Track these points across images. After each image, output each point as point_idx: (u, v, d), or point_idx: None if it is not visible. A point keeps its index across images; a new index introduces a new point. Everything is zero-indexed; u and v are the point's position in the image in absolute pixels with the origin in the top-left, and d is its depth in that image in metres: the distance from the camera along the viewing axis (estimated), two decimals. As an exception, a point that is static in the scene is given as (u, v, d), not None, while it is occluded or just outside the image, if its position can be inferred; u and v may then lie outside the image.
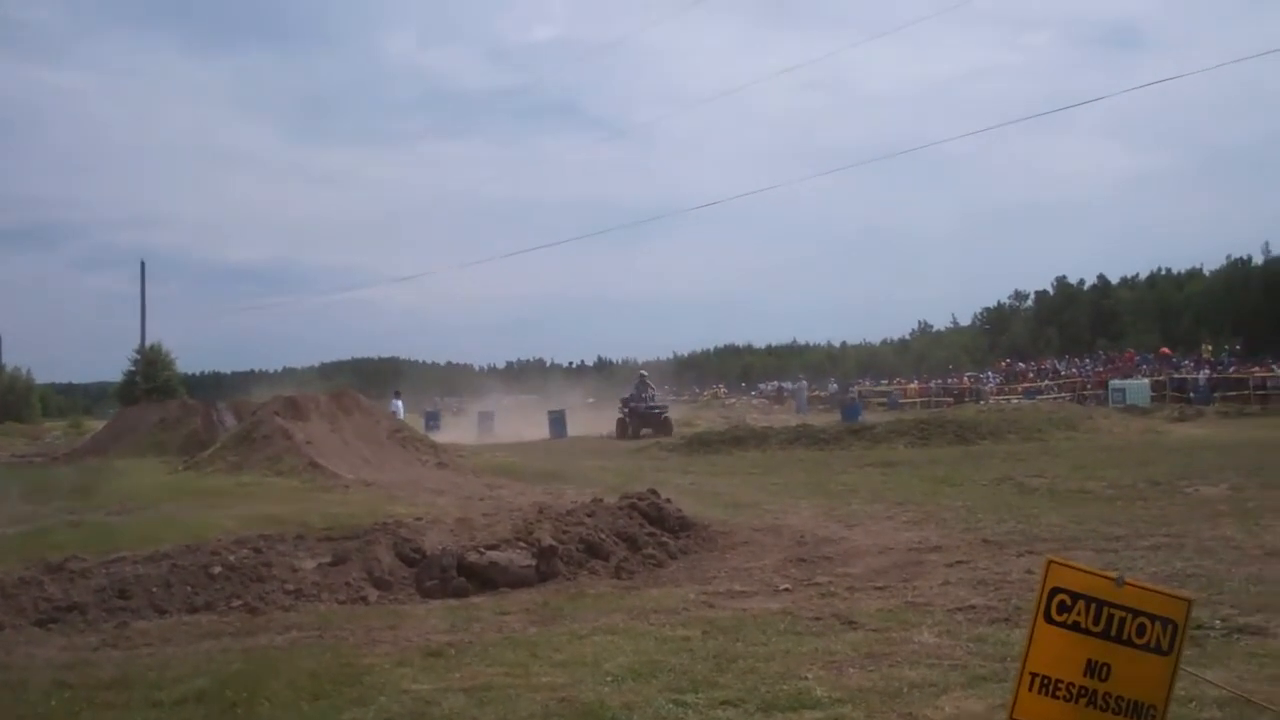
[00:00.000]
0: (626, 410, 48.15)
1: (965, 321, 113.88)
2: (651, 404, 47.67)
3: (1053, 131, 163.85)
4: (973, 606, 9.80)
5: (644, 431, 43.33)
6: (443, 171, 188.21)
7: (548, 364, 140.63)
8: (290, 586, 11.29)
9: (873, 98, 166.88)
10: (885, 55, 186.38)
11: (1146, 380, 53.48)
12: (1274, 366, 56.00)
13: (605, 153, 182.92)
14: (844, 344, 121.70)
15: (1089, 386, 57.19)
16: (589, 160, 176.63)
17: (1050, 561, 4.24)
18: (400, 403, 46.74)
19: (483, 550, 11.98)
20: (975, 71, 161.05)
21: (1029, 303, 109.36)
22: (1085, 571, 4.24)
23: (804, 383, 73.13)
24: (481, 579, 11.61)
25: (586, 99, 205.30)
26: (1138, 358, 67.39)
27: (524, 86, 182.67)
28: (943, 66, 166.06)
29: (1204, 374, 55.14)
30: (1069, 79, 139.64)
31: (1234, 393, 50.24)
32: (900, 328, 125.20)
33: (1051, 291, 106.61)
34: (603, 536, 13.04)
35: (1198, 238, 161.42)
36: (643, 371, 52.40)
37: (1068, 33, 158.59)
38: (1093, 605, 4.13)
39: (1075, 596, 4.14)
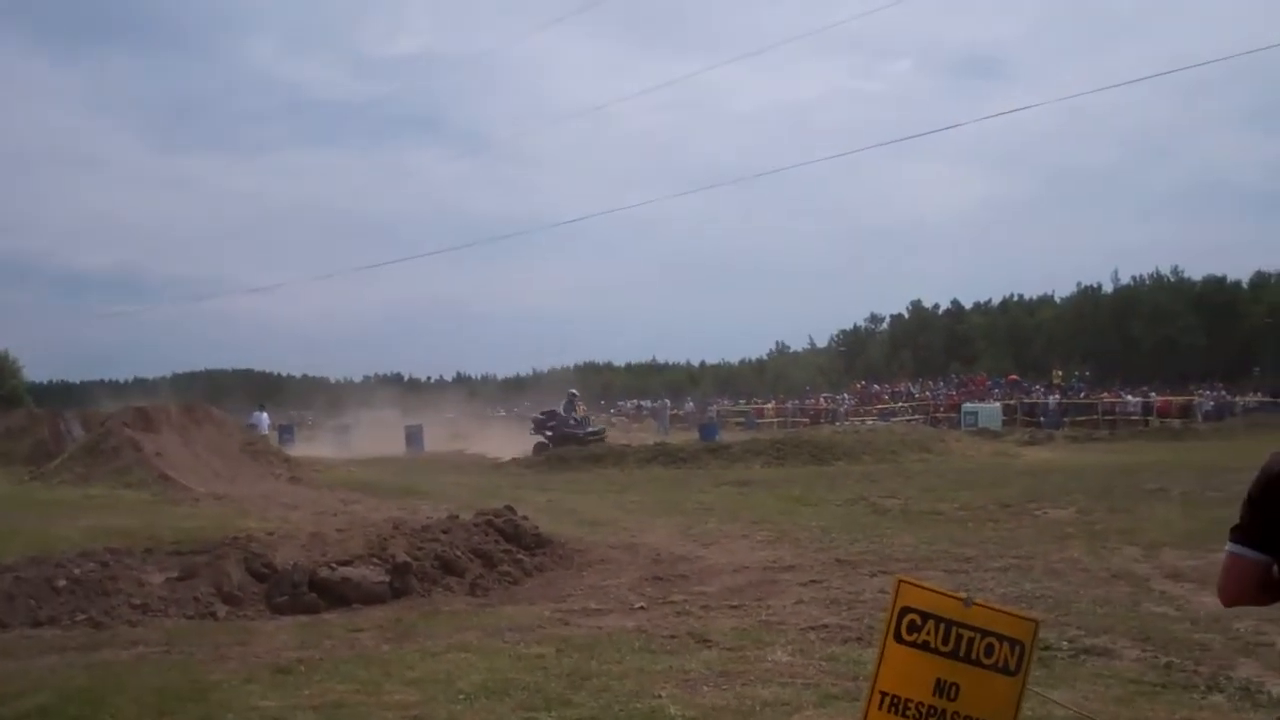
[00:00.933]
0: (549, 431, 42.23)
1: (822, 343, 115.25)
2: (587, 427, 42.54)
3: (910, 157, 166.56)
4: (826, 625, 9.90)
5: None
6: (302, 181, 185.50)
7: (406, 378, 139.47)
8: (137, 601, 11.02)
9: (735, 119, 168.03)
10: (748, 78, 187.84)
11: (998, 404, 54.58)
12: (1122, 393, 57.63)
13: (468, 167, 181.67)
14: (703, 363, 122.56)
15: (942, 409, 58.21)
16: (451, 174, 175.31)
17: (900, 581, 4.26)
18: (265, 415, 46.04)
19: (335, 566, 11.82)
20: (836, 96, 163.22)
21: (884, 326, 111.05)
22: (935, 591, 4.27)
23: (666, 401, 73.36)
24: (334, 595, 11.46)
25: (450, 112, 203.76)
26: (989, 382, 68.77)
27: (386, 98, 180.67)
28: (804, 90, 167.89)
29: (1054, 399, 56.48)
30: (927, 106, 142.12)
31: (1083, 417, 51.56)
32: (758, 348, 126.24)
33: (906, 315, 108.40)
34: (458, 553, 12.93)
35: (1050, 265, 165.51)
36: (573, 391, 47.53)
37: (926, 61, 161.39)
38: (942, 625, 4.14)
39: (925, 616, 4.16)
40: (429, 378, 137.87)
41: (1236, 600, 3.37)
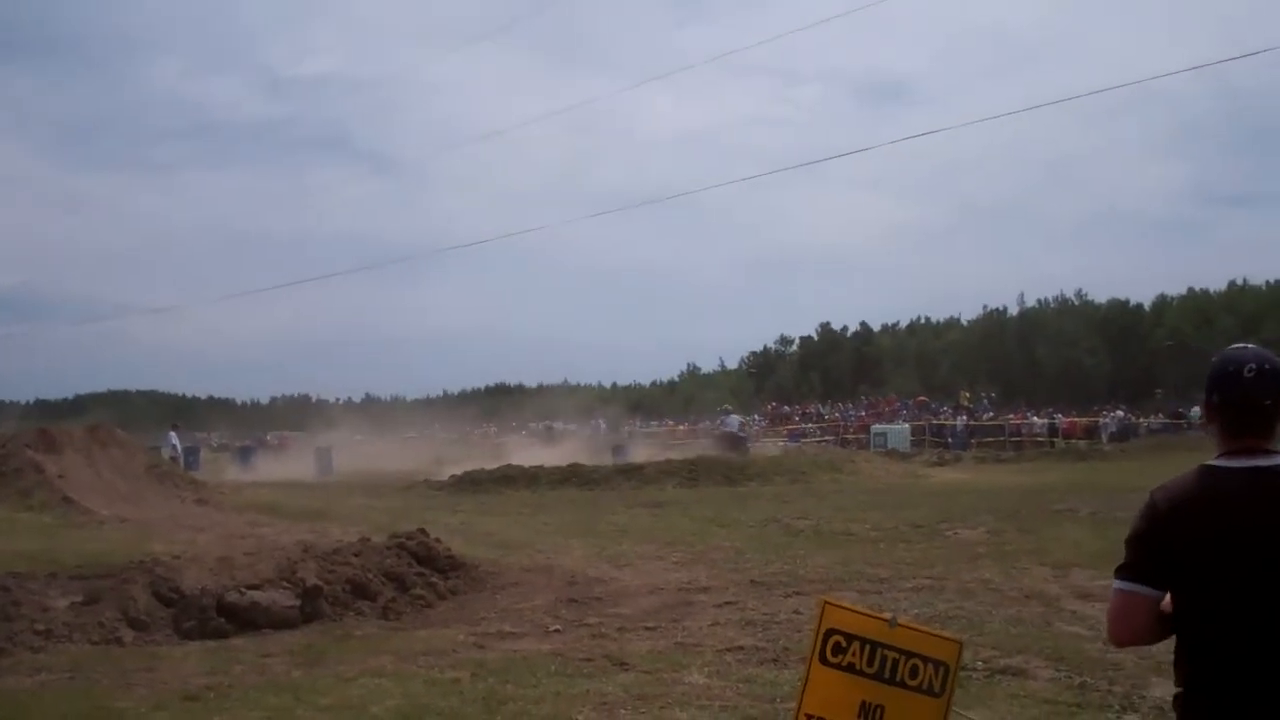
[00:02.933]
0: None
1: (732, 365, 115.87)
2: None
3: (819, 182, 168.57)
4: (741, 647, 9.89)
5: None
6: (206, 202, 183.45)
7: (314, 399, 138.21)
8: (40, 626, 10.74)
9: (645, 142, 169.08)
10: (658, 101, 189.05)
11: (907, 425, 55.09)
12: (1028, 414, 58.40)
13: (375, 187, 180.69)
14: (614, 384, 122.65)
15: (851, 430, 58.61)
16: (359, 195, 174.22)
17: (825, 603, 4.23)
18: (176, 436, 45.38)
19: (244, 590, 11.60)
20: (745, 120, 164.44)
21: (794, 348, 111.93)
22: (859, 613, 4.25)
23: (600, 422, 72.59)
24: (242, 620, 11.24)
25: (357, 133, 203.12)
26: (898, 403, 69.49)
27: (293, 118, 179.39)
28: (714, 115, 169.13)
29: (962, 420, 57.09)
30: (836, 131, 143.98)
31: (990, 439, 52.12)
32: (670, 370, 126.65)
33: (816, 337, 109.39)
34: (370, 576, 12.76)
35: (956, 288, 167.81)
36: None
37: (835, 87, 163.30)
38: (867, 646, 4.13)
39: (850, 638, 4.13)
40: (337, 399, 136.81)
41: (1130, 638, 3.41)
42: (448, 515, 23.48)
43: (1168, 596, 3.22)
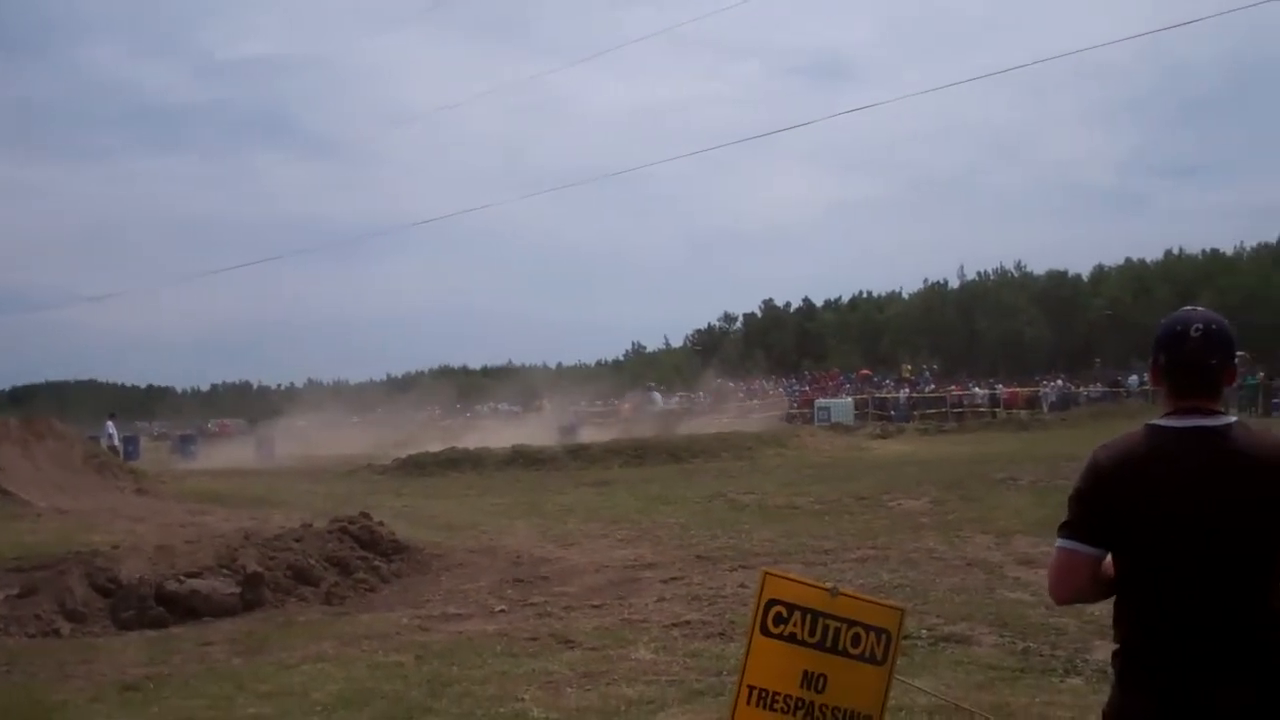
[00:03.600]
0: None
1: (677, 343, 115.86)
2: None
3: (761, 158, 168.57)
4: (688, 622, 9.88)
5: None
6: (145, 187, 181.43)
7: (255, 385, 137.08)
8: (-25, 620, 10.57)
9: (589, 120, 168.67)
10: (601, 79, 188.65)
11: (850, 399, 55.27)
12: (969, 385, 58.81)
13: (317, 169, 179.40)
14: (560, 365, 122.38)
15: (796, 405, 58.75)
16: (301, 177, 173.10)
17: (766, 574, 4.20)
18: (114, 426, 44.90)
19: (183, 578, 11.46)
20: (686, 97, 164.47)
21: (738, 325, 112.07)
22: (800, 583, 4.22)
23: (545, 403, 71.60)
24: (182, 608, 11.12)
25: (298, 115, 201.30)
26: (841, 377, 69.74)
27: (232, 101, 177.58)
28: (656, 92, 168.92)
29: (904, 393, 57.41)
30: (778, 107, 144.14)
31: (932, 410, 52.50)
32: (615, 349, 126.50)
33: (759, 314, 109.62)
34: (312, 562, 12.65)
35: (897, 262, 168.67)
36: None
37: (775, 63, 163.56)
38: (808, 616, 4.10)
39: (791, 608, 4.11)
40: (279, 384, 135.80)
41: (1071, 597, 3.40)
42: (392, 499, 23.36)
43: (1109, 556, 3.21)
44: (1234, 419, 3.14)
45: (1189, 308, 3.31)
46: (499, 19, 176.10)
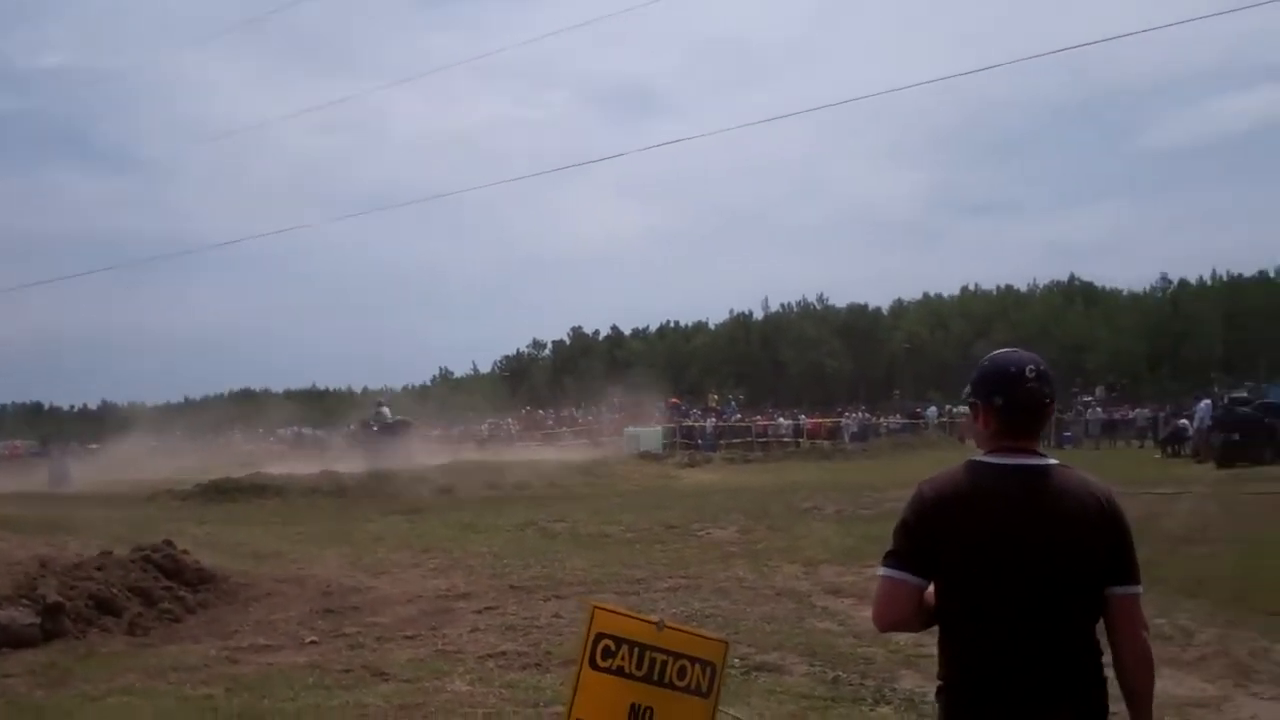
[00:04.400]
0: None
1: (485, 369, 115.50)
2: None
3: (571, 185, 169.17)
4: (504, 653, 9.90)
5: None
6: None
7: (46, 407, 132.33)
8: None
9: (398, 143, 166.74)
10: (410, 102, 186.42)
11: (659, 428, 55.66)
12: (774, 415, 59.80)
13: (116, 187, 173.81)
14: (365, 389, 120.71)
15: (605, 433, 58.94)
16: (96, 193, 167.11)
17: (595, 607, 4.28)
18: None
19: (-20, 609, 11.06)
20: (498, 123, 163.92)
21: (547, 351, 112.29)
22: (627, 616, 4.31)
23: (351, 427, 69.77)
24: (-21, 640, 10.72)
25: (97, 130, 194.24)
26: (649, 405, 70.19)
27: (26, 113, 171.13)
28: (467, 117, 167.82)
29: (711, 422, 58.05)
30: (587, 135, 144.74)
31: (738, 440, 53.20)
32: (421, 374, 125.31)
33: (568, 341, 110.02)
34: (115, 591, 12.29)
35: (704, 293, 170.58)
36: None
37: (583, 92, 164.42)
38: (636, 649, 4.19)
39: (619, 641, 4.19)
40: (72, 406, 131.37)
41: (893, 625, 3.52)
42: (194, 526, 22.76)
43: (931, 586, 3.35)
44: (1055, 460, 3.31)
45: (1009, 349, 3.45)
46: (309, 41, 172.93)
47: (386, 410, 47.86)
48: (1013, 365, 3.32)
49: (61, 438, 66.94)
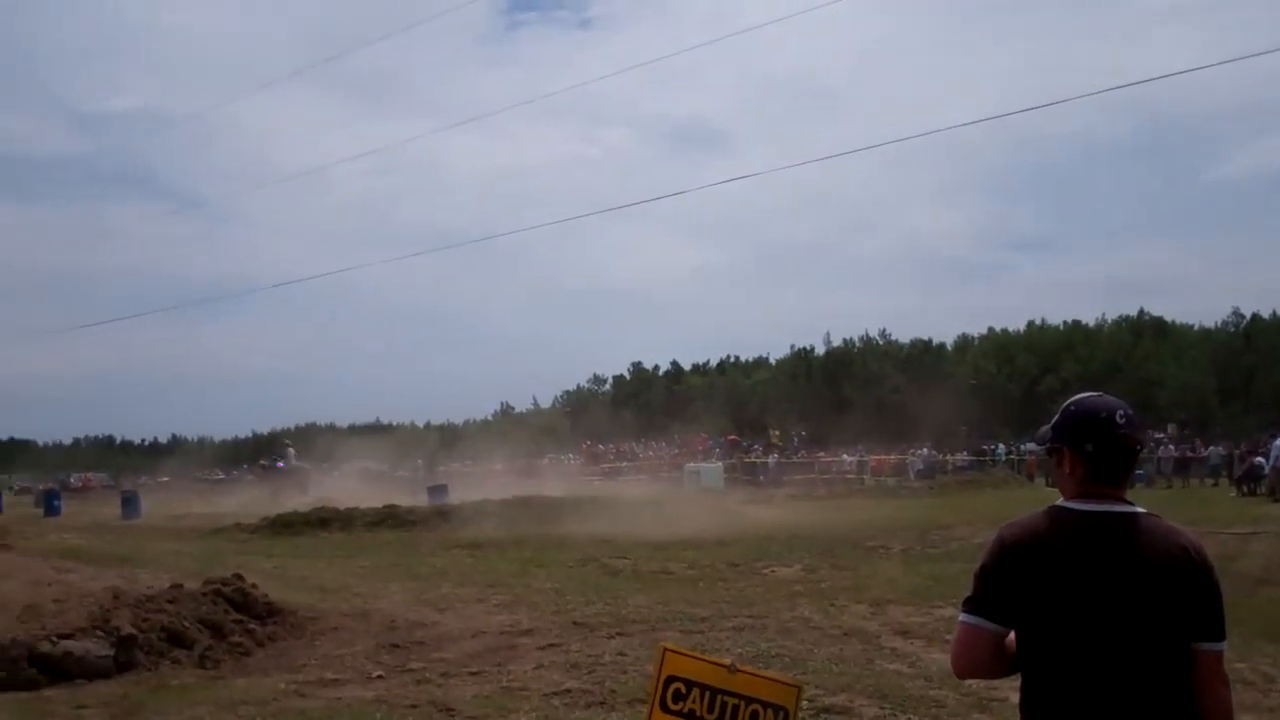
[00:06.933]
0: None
1: (546, 403, 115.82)
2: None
3: (631, 222, 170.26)
4: (568, 690, 9.91)
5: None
6: (6, 239, 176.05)
7: (118, 441, 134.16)
8: None
9: (458, 183, 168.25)
10: (468, 143, 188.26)
11: (720, 464, 55.55)
12: (838, 451, 59.53)
13: (183, 227, 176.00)
14: (428, 423, 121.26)
15: (665, 469, 58.88)
16: (166, 233, 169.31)
17: (665, 649, 4.27)
18: None
19: (56, 639, 11.22)
20: (556, 162, 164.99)
21: (607, 387, 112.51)
22: (698, 659, 4.30)
23: (417, 462, 70.92)
24: (55, 670, 10.87)
25: (165, 171, 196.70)
26: (710, 441, 70.15)
27: (97, 155, 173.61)
28: (525, 156, 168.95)
29: (773, 458, 57.87)
30: (647, 174, 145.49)
31: (800, 476, 52.98)
32: (483, 409, 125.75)
33: (628, 376, 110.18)
34: (186, 624, 12.44)
35: (765, 328, 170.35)
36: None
37: (641, 130, 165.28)
38: (707, 693, 4.16)
39: (690, 685, 4.16)
40: (143, 440, 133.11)
41: (972, 672, 3.48)
42: (262, 559, 22.97)
43: (1013, 634, 3.33)
44: (1142, 509, 3.27)
45: (1093, 394, 3.40)
46: (368, 83, 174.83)
47: (292, 451, 50.21)
48: (1103, 410, 3.28)
49: (133, 471, 67.72)
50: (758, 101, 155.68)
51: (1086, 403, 3.36)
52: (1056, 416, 3.40)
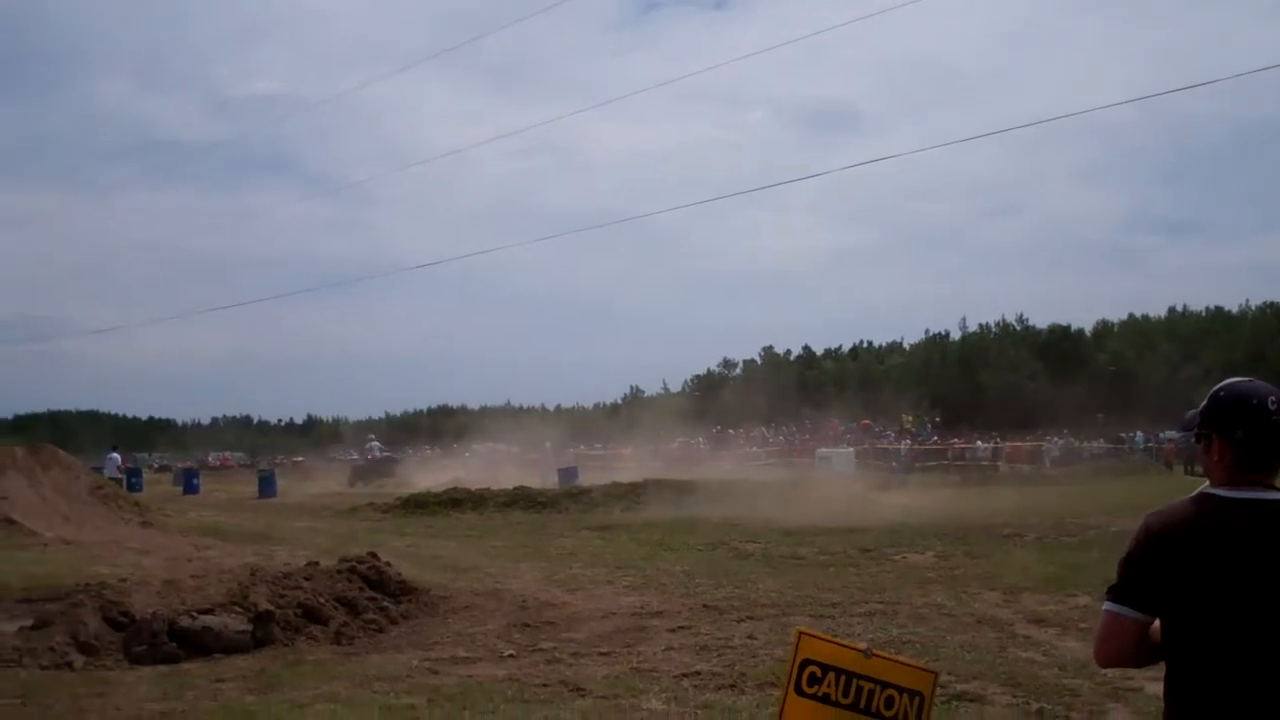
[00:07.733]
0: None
1: (675, 387, 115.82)
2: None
3: (764, 206, 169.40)
4: (698, 672, 9.86)
5: None
6: (148, 221, 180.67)
7: (255, 421, 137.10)
8: (-10, 651, 10.56)
9: (594, 166, 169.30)
10: (607, 126, 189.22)
11: (851, 449, 55.15)
12: (972, 438, 58.76)
13: (322, 209, 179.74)
14: (558, 406, 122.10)
15: (796, 454, 58.62)
16: (305, 216, 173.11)
17: (801, 633, 4.21)
18: (118, 457, 45.28)
19: (195, 614, 11.47)
20: (691, 145, 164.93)
21: (738, 371, 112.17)
22: (834, 643, 4.23)
23: (547, 444, 71.36)
24: (194, 644, 11.12)
25: (304, 154, 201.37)
26: (841, 426, 69.66)
27: (238, 139, 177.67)
28: (661, 139, 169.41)
29: (906, 444, 57.33)
30: (781, 157, 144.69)
31: (934, 463, 52.39)
32: (612, 392, 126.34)
33: (759, 360, 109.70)
34: (321, 601, 12.66)
35: (898, 313, 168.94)
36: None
37: (780, 113, 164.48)
38: (842, 677, 4.10)
39: (825, 668, 4.10)
40: (279, 420, 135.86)
41: (1114, 661, 3.38)
42: (395, 538, 23.35)
43: (1157, 622, 3.22)
44: None
45: (1243, 379, 3.28)
46: (505, 67, 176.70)
47: (376, 444, 51.36)
48: (1254, 397, 3.16)
49: (269, 450, 69.18)
50: (896, 83, 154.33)
51: (1237, 388, 3.23)
52: (1205, 402, 3.28)
